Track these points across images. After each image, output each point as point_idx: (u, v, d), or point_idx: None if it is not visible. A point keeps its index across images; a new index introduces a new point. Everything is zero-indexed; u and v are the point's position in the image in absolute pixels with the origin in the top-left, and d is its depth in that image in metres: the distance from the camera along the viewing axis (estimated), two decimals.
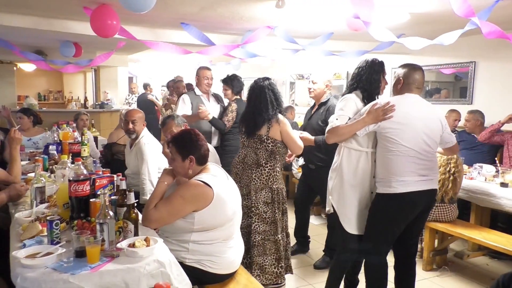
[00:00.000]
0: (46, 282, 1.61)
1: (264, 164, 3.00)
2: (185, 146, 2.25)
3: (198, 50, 4.74)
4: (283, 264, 3.01)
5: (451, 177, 3.35)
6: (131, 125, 3.56)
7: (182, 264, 2.04)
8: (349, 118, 2.59)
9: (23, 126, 4.90)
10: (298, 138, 3.11)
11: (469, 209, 3.96)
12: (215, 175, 2.29)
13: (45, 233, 1.98)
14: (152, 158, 3.39)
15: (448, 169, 3.35)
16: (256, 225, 2.98)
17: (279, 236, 3.00)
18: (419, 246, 3.88)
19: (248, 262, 2.97)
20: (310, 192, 3.90)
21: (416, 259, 3.77)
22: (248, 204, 3.00)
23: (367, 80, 2.67)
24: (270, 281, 2.96)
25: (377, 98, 2.68)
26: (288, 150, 3.13)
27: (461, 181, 3.48)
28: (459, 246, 4.17)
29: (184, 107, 4.19)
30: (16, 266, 1.69)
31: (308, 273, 3.60)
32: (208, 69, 4.40)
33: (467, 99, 5.50)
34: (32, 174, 3.02)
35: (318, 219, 5.04)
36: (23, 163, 3.63)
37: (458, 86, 5.76)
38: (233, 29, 4.94)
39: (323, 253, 3.79)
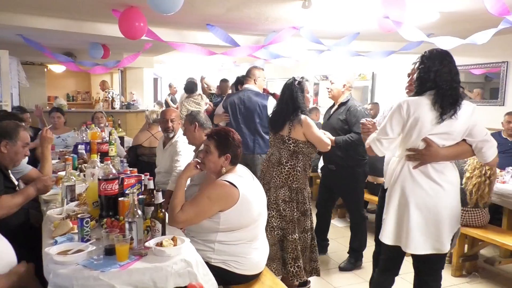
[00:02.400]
0: (77, 279, 1.64)
1: (285, 163, 3.03)
2: (225, 143, 2.29)
3: (223, 51, 4.78)
4: (300, 264, 2.98)
5: (487, 181, 3.21)
6: (170, 124, 3.67)
7: (208, 264, 2.04)
8: None
9: (59, 125, 5.06)
10: (324, 136, 3.11)
11: (501, 214, 3.82)
12: (241, 176, 2.29)
13: (76, 231, 2.02)
14: (187, 156, 3.50)
15: (483, 172, 3.21)
16: (274, 220, 3.03)
17: (296, 235, 3.00)
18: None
19: (271, 255, 2.95)
20: (330, 195, 3.85)
21: (445, 264, 3.73)
22: (268, 200, 3.02)
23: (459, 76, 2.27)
24: (285, 279, 2.98)
25: None
26: (314, 149, 3.12)
27: (493, 185, 3.37)
28: (489, 252, 4.04)
29: None
30: (49, 262, 1.73)
31: (333, 276, 3.56)
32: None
33: (499, 100, 5.33)
34: (63, 173, 3.10)
35: (342, 222, 4.98)
36: (53, 161, 3.74)
37: (489, 87, 5.59)
38: (258, 30, 4.95)
39: (348, 255, 3.75)
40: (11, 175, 2.67)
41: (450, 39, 3.67)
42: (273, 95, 4.81)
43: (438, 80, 2.14)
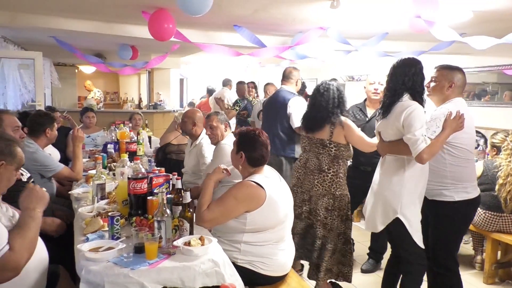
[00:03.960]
0: (108, 276, 1.68)
1: (327, 170, 2.90)
2: (242, 141, 2.32)
3: (249, 52, 4.78)
4: (327, 270, 2.93)
5: None
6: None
7: (234, 265, 2.05)
8: None
9: (91, 124, 5.19)
10: (366, 136, 2.97)
11: None
12: (267, 177, 2.29)
13: (106, 228, 2.06)
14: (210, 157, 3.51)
15: None
16: (318, 231, 2.92)
17: (332, 245, 2.92)
18: (479, 257, 3.68)
19: (315, 263, 2.96)
20: (353, 196, 3.74)
21: (477, 271, 3.63)
22: (309, 209, 2.97)
23: (416, 81, 2.40)
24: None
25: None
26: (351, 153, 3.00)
27: None
28: None
29: None
30: (81, 258, 1.78)
31: (354, 277, 3.50)
32: None
33: None
34: (93, 171, 3.17)
35: None
36: (84, 160, 3.83)
37: None
38: (284, 30, 4.93)
39: (368, 256, 3.70)
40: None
41: (484, 38, 3.54)
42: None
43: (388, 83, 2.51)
